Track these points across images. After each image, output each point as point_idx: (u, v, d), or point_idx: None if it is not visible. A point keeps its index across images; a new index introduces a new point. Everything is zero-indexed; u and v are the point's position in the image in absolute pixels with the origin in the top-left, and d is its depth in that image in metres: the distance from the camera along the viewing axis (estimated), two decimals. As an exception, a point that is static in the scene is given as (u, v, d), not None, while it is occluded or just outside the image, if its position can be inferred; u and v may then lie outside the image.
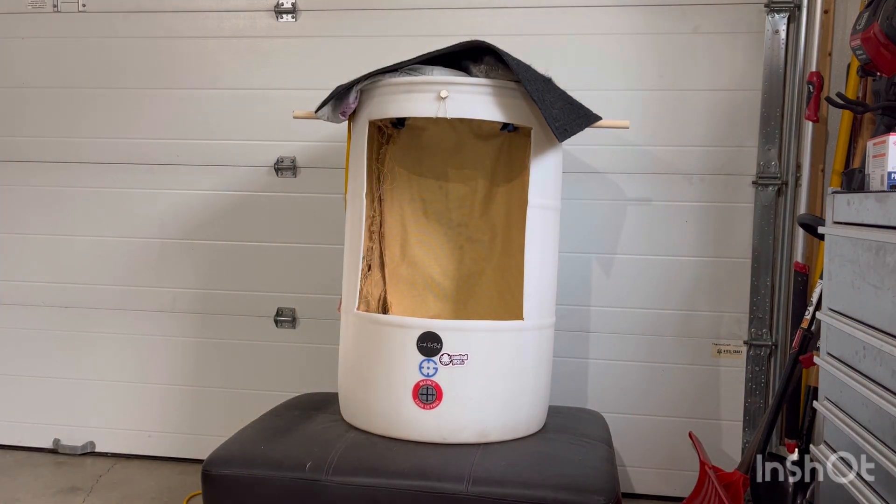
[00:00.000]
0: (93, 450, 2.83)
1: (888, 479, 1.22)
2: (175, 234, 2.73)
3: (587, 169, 2.50)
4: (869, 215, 1.32)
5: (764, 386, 2.44)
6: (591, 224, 2.52)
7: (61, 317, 2.81)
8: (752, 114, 2.41)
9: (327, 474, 1.73)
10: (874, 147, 1.49)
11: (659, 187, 2.49)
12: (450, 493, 1.69)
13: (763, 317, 2.43)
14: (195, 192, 2.71)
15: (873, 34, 1.66)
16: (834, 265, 1.50)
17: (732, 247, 2.47)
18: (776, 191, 2.40)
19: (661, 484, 2.55)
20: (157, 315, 2.76)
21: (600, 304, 2.54)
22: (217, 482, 1.78)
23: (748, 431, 2.44)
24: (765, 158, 2.40)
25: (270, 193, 2.66)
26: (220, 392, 2.75)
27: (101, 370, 2.81)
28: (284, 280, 2.69)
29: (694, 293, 2.50)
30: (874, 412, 1.28)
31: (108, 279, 2.78)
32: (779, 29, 2.36)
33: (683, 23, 2.44)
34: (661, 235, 2.50)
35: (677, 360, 2.52)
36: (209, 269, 2.73)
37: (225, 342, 2.75)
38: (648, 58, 2.47)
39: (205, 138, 2.67)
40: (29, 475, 2.64)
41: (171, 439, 2.79)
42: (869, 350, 1.30)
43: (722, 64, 2.43)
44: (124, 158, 2.73)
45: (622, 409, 2.53)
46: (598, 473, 1.78)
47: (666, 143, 2.47)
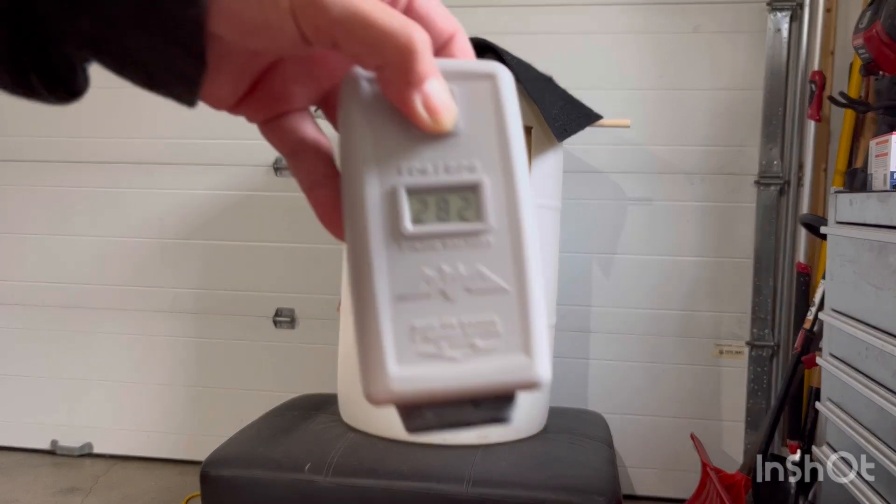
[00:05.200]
0: (91, 451, 2.82)
1: (889, 479, 1.21)
2: (174, 233, 2.72)
3: (588, 168, 2.49)
4: (871, 215, 1.32)
5: (766, 387, 2.43)
6: (592, 224, 2.51)
7: (59, 317, 2.81)
8: (754, 113, 2.40)
9: (326, 475, 1.73)
10: (876, 146, 1.48)
11: (660, 187, 2.48)
12: (450, 494, 1.68)
13: (765, 317, 2.42)
14: (194, 192, 2.70)
15: (875, 33, 1.66)
16: (836, 265, 1.50)
17: (734, 247, 2.46)
18: (778, 190, 2.39)
19: (663, 485, 2.54)
20: (156, 315, 2.76)
21: (601, 305, 2.53)
22: (216, 483, 1.78)
23: (750, 433, 2.43)
24: (767, 158, 2.39)
25: (270, 193, 2.66)
26: (219, 393, 2.75)
27: (100, 370, 2.80)
28: (283, 280, 2.69)
29: (695, 293, 2.49)
30: (877, 413, 1.28)
31: (107, 279, 2.77)
32: (781, 28, 2.35)
33: (685, 21, 2.43)
34: (661, 235, 2.49)
35: (678, 361, 2.51)
36: (208, 269, 2.73)
37: (224, 342, 2.74)
38: (649, 57, 2.46)
39: (204, 138, 2.66)
40: (27, 476, 2.64)
41: (170, 440, 2.78)
42: (871, 351, 1.29)
43: (723, 63, 2.42)
44: (124, 158, 2.72)
45: (623, 409, 2.52)
46: (598, 475, 1.78)
47: (667, 143, 2.46)
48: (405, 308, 0.30)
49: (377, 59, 0.30)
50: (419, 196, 0.31)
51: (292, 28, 0.29)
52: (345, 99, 0.32)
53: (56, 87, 0.31)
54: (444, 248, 0.31)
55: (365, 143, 0.31)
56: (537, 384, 0.30)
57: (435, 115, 0.30)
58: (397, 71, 0.30)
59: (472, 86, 0.32)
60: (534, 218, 0.32)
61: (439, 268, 0.31)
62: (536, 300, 0.31)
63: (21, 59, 0.30)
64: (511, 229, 0.32)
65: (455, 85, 0.32)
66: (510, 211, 0.32)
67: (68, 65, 0.31)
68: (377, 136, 0.31)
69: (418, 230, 0.31)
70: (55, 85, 0.31)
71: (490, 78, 0.33)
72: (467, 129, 0.32)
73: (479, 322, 0.30)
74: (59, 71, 0.31)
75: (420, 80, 0.30)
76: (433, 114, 0.30)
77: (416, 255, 0.31)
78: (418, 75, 0.30)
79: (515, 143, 0.33)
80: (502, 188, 0.32)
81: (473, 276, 0.31)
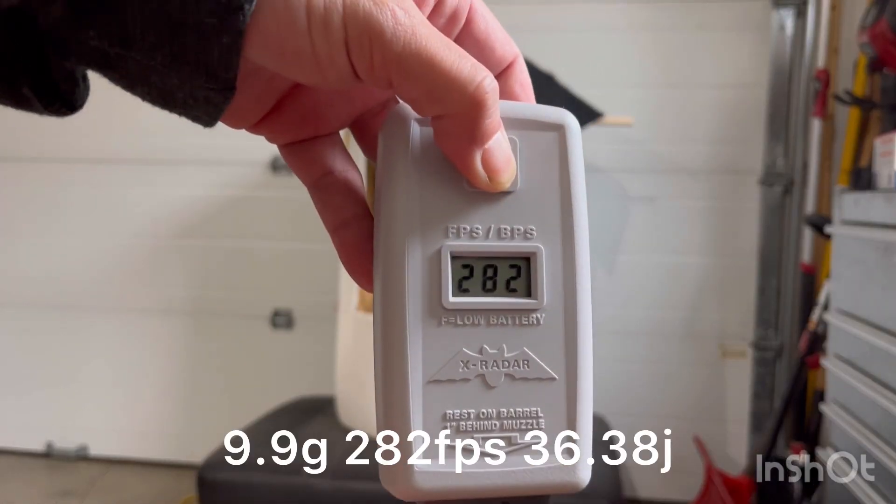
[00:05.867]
0: (86, 454, 2.80)
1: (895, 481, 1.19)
2: (169, 233, 2.71)
3: (589, 167, 2.47)
4: (877, 214, 1.31)
5: (770, 388, 2.40)
6: (593, 223, 2.45)
7: (53, 318, 2.79)
8: (758, 111, 2.38)
9: (325, 478, 1.72)
10: (882, 145, 1.47)
11: (662, 186, 2.46)
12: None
13: (769, 318, 2.40)
14: (190, 191, 2.68)
15: (881, 30, 1.64)
16: (841, 265, 1.48)
17: (738, 246, 2.44)
18: (783, 189, 2.36)
19: (666, 488, 2.51)
20: (152, 316, 2.74)
21: (603, 305, 2.51)
22: (212, 487, 1.76)
23: (754, 435, 2.40)
24: (771, 156, 2.36)
25: (267, 192, 2.64)
26: (215, 395, 2.73)
27: (94, 372, 2.78)
28: (280, 281, 2.67)
29: (698, 294, 2.47)
30: (882, 415, 1.26)
31: (101, 280, 2.75)
32: (785, 24, 2.33)
33: (688, 18, 2.41)
34: (664, 235, 2.47)
35: (681, 362, 2.49)
36: (204, 269, 2.71)
37: (220, 344, 2.72)
38: (652, 54, 2.44)
39: (199, 135, 2.63)
40: (22, 479, 2.62)
41: (166, 443, 2.76)
42: (877, 352, 1.27)
43: (727, 60, 2.40)
44: (117, 156, 2.70)
45: (625, 410, 2.50)
46: (601, 477, 1.76)
47: (670, 141, 2.44)
48: (439, 393, 0.27)
49: (438, 108, 0.26)
50: (464, 262, 0.28)
51: (344, 62, 0.25)
52: (389, 139, 0.29)
53: (53, 102, 0.28)
54: (487, 325, 0.28)
55: (409, 196, 0.28)
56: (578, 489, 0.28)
57: (494, 174, 0.27)
58: (460, 125, 0.26)
59: (536, 137, 0.29)
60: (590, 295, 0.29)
61: (481, 348, 0.28)
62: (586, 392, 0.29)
63: (15, 72, 0.26)
64: (566, 308, 0.29)
65: (517, 135, 0.29)
66: (567, 287, 0.29)
67: (70, 78, 0.27)
68: (424, 189, 0.28)
69: (460, 302, 0.28)
70: (52, 100, 0.28)
71: (557, 129, 0.30)
72: (527, 188, 0.29)
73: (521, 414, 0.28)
74: (60, 87, 0.27)
75: (484, 138, 0.27)
76: (493, 173, 0.27)
77: (455, 331, 0.27)
78: (483, 132, 0.26)
79: (579, 206, 0.30)
80: (560, 259, 0.29)
81: (518, 361, 0.28)
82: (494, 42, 0.31)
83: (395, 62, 0.25)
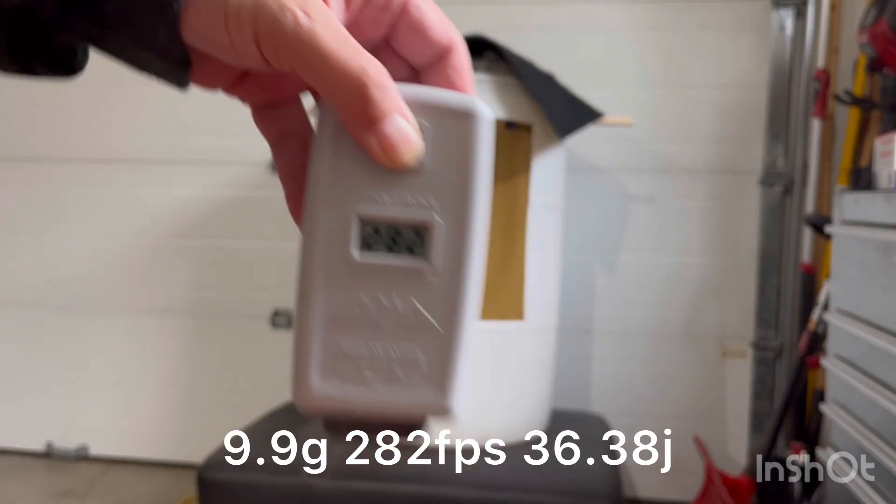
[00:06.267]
0: (86, 454, 2.80)
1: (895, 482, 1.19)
2: (169, 233, 2.71)
3: (589, 167, 2.47)
4: (877, 214, 1.30)
5: (770, 388, 2.40)
6: (593, 223, 2.49)
7: (53, 318, 2.79)
8: (758, 111, 2.38)
9: (324, 478, 1.71)
10: (881, 145, 1.47)
11: (662, 185, 2.46)
12: (450, 497, 1.67)
13: (769, 318, 2.40)
14: (190, 190, 2.68)
15: (881, 30, 1.64)
16: (841, 265, 1.48)
17: (738, 246, 2.44)
18: (783, 189, 2.36)
19: (666, 488, 2.51)
20: (151, 316, 2.74)
21: (603, 305, 2.51)
22: (212, 487, 1.76)
23: (754, 435, 2.40)
24: (771, 156, 2.36)
25: (267, 191, 2.64)
26: (216, 394, 2.73)
27: (94, 372, 2.78)
28: (281, 281, 2.66)
29: (698, 294, 2.47)
30: (882, 415, 1.26)
31: (101, 280, 2.75)
32: (785, 24, 2.33)
33: (688, 18, 2.41)
34: (664, 235, 2.47)
35: (682, 362, 2.49)
36: (204, 269, 2.71)
37: (220, 344, 2.72)
38: (652, 54, 2.44)
39: (199, 135, 2.64)
40: (22, 479, 2.62)
41: (166, 443, 2.76)
42: (877, 352, 1.28)
43: (727, 60, 2.40)
44: (117, 156, 2.70)
45: (625, 411, 2.50)
46: (601, 477, 1.76)
47: (670, 141, 2.44)
48: (338, 330, 0.32)
49: (332, 97, 0.30)
50: (372, 226, 0.32)
51: (257, 54, 0.30)
52: (320, 120, 0.32)
53: (56, 68, 0.33)
54: (386, 280, 0.32)
55: (329, 167, 0.32)
56: (446, 411, 0.32)
57: (391, 152, 0.31)
58: (350, 110, 0.30)
59: (446, 122, 0.33)
60: (481, 265, 0.33)
61: (377, 298, 0.32)
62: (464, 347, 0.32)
63: (20, 48, 0.32)
64: (454, 274, 0.32)
65: (427, 119, 0.32)
66: (456, 256, 0.32)
67: (69, 48, 0.33)
68: (342, 162, 0.32)
69: (364, 258, 0.32)
70: (55, 66, 0.33)
71: (467, 116, 0.33)
72: (433, 167, 0.32)
73: (404, 356, 0.32)
74: (62, 56, 0.33)
75: (373, 122, 0.30)
76: (389, 151, 0.30)
77: (357, 281, 0.32)
78: (371, 116, 0.30)
79: (479, 187, 0.33)
80: (454, 232, 0.32)
81: (407, 312, 0.32)
82: (428, 29, 0.34)
83: (294, 57, 0.29)
